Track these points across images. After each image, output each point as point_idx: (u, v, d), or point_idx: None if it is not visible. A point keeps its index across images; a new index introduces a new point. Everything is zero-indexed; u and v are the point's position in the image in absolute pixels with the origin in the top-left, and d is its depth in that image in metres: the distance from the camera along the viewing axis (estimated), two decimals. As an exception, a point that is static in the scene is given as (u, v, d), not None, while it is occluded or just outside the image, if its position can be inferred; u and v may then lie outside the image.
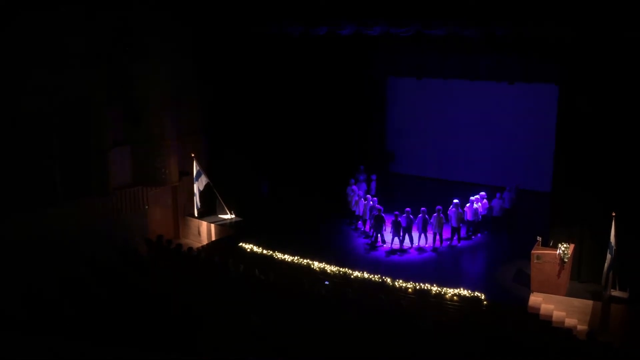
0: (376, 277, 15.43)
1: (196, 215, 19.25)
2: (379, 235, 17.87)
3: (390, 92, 23.04)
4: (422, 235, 17.57)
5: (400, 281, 15.18)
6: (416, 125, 22.88)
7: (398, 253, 17.39)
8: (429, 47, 17.44)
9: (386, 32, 16.43)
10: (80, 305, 11.13)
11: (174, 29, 18.06)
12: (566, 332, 13.25)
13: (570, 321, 14.00)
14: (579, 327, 13.81)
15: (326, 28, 16.99)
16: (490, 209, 18.33)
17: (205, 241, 18.85)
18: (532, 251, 14.93)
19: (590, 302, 14.30)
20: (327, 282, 14.85)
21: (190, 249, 16.55)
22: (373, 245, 17.88)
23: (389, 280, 15.28)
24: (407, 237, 17.51)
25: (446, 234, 17.91)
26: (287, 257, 16.71)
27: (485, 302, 14.43)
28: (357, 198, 19.01)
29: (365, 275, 15.57)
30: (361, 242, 18.36)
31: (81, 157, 16.75)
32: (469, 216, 17.97)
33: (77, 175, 16.65)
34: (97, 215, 17.03)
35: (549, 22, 14.34)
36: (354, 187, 19.69)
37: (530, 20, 14.55)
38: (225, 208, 19.14)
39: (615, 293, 14.07)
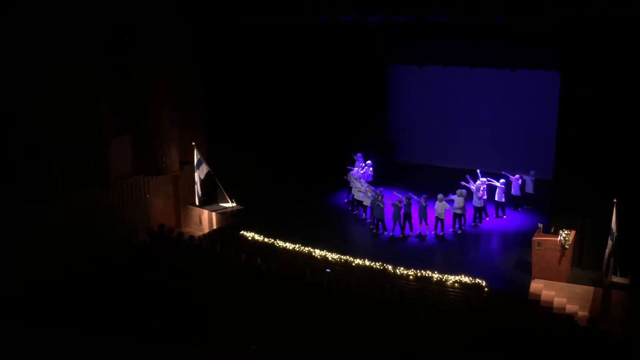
0: (377, 265, 15.48)
1: (197, 203, 19.27)
2: (379, 222, 17.89)
3: (391, 80, 22.93)
4: (423, 222, 17.59)
5: (402, 268, 15.22)
6: (418, 113, 22.78)
7: (399, 240, 17.42)
8: (430, 34, 17.31)
9: (387, 19, 16.34)
10: (83, 296, 11.17)
11: (174, 20, 17.94)
12: (567, 319, 13.30)
13: (571, 307, 14.04)
14: (580, 313, 13.86)
15: (327, 16, 16.91)
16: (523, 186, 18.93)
17: (206, 230, 18.88)
18: (533, 238, 14.96)
19: (591, 289, 14.34)
20: (328, 270, 14.88)
21: (192, 237, 16.58)
22: (375, 233, 17.91)
23: (390, 267, 15.32)
24: (407, 224, 17.54)
25: (447, 221, 17.91)
26: (289, 245, 16.75)
27: (486, 289, 14.48)
28: (360, 186, 19.02)
29: (367, 262, 15.61)
30: (362, 229, 18.37)
31: (81, 147, 16.73)
32: (475, 202, 18.07)
33: (77, 166, 16.64)
34: (98, 206, 17.04)
35: (550, 7, 14.25)
36: (354, 174, 19.70)
37: (531, 5, 14.46)
38: (227, 196, 19.15)
39: (616, 279, 14.11)
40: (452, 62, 19.85)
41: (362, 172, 20.04)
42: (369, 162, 20.56)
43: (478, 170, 18.76)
